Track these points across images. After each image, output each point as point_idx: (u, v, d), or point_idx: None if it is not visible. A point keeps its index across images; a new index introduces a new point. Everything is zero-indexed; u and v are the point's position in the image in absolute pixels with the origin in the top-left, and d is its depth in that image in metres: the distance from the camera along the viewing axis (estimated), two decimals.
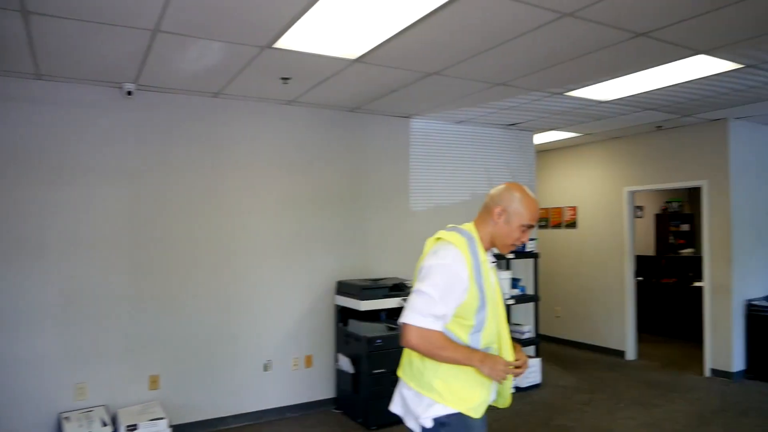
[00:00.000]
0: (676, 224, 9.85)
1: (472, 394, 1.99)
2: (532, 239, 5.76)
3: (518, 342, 5.55)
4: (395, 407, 2.13)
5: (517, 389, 5.66)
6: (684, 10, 3.05)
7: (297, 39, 3.38)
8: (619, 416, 4.99)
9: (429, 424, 1.97)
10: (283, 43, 3.44)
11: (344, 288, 5.06)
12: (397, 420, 2.19)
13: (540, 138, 6.93)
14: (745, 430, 4.63)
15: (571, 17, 3.10)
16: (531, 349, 6.01)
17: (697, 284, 7.48)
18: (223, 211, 4.81)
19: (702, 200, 6.35)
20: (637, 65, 4.05)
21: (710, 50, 3.75)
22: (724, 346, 6.12)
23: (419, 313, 1.91)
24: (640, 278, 8.59)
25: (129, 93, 4.32)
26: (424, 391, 1.99)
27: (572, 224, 7.78)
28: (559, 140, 7.22)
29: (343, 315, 5.11)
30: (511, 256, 5.64)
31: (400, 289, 4.90)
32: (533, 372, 5.77)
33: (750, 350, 6.16)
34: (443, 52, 3.67)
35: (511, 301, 5.61)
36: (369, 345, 4.68)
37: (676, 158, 6.61)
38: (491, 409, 2.15)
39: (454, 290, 1.93)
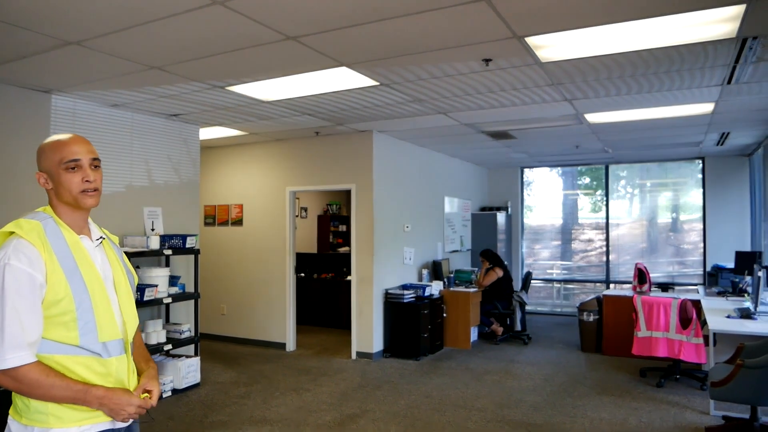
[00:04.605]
0: (336, 225, 10.92)
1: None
2: (192, 235, 5.58)
3: (177, 341, 5.38)
4: None
5: (174, 392, 5.42)
6: (325, 20, 3.32)
7: None
8: (274, 404, 5.20)
9: None
10: None
11: None
12: None
13: (207, 133, 6.81)
14: (377, 400, 5.33)
15: (222, 6, 3.08)
16: (190, 349, 5.83)
17: (349, 278, 8.38)
18: None
19: (352, 202, 7.12)
20: (289, 68, 4.27)
21: (351, 64, 4.19)
22: (367, 330, 6.97)
23: None
24: (302, 274, 9.23)
25: None
26: (33, 421, 1.65)
27: (239, 222, 7.87)
28: (226, 137, 7.22)
29: None
30: (169, 252, 5.37)
31: None
32: (191, 372, 5.60)
33: (387, 332, 7.14)
34: (81, 18, 3.25)
35: (168, 300, 5.34)
36: None
37: (331, 163, 7.27)
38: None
39: (29, 297, 1.60)
